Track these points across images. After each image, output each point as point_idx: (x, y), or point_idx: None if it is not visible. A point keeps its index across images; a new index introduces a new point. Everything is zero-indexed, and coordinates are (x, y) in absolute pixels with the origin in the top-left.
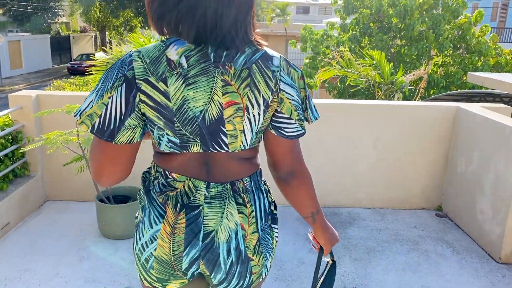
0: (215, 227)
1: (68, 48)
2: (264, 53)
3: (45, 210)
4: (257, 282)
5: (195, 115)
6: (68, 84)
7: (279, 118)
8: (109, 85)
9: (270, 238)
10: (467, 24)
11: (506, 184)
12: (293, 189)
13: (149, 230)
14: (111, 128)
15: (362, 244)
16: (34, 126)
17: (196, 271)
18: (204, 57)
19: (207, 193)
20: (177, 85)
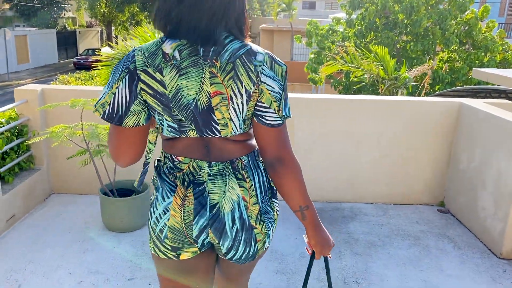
0: (219, 199)
1: (74, 43)
2: (249, 49)
3: (50, 203)
4: (261, 251)
5: (188, 102)
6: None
7: (259, 107)
8: (116, 77)
9: (271, 210)
10: (474, 20)
11: (508, 181)
12: (280, 177)
13: (162, 203)
14: (120, 114)
15: (364, 239)
16: (40, 120)
17: (206, 239)
18: (194, 51)
19: (209, 171)
20: (171, 75)
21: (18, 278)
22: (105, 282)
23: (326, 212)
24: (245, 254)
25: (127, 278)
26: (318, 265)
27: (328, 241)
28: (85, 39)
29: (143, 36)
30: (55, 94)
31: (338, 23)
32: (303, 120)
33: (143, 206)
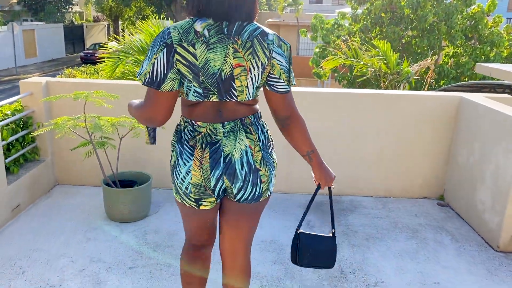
0: (231, 150)
1: (81, 38)
2: (262, 30)
3: (55, 193)
4: (265, 195)
5: (214, 72)
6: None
7: (271, 78)
8: (155, 50)
9: (271, 158)
10: (480, 14)
11: (505, 174)
12: (291, 131)
13: (184, 167)
14: (158, 80)
15: (362, 231)
16: (44, 112)
17: (222, 186)
18: (220, 30)
19: (224, 130)
20: (202, 49)
21: (22, 265)
22: (107, 270)
23: (326, 205)
24: (252, 194)
25: (128, 266)
26: None
27: (330, 175)
28: (92, 34)
29: (148, 30)
30: (59, 87)
31: (343, 17)
32: (304, 113)
33: (145, 197)
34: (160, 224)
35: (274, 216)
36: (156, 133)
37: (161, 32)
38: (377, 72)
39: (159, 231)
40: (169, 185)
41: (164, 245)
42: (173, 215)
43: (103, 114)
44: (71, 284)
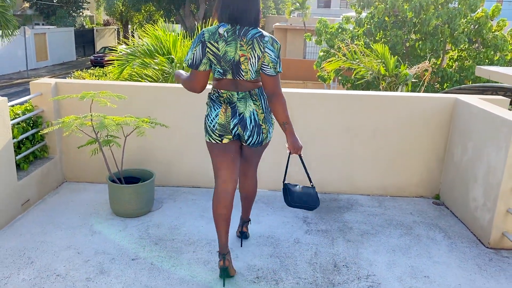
0: (243, 110)
1: (91, 41)
2: (261, 34)
3: (62, 190)
4: (265, 142)
5: (230, 58)
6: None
7: (263, 65)
8: (194, 45)
9: (270, 117)
10: (484, 18)
11: (496, 172)
12: (273, 104)
13: (214, 112)
14: (197, 63)
15: (357, 228)
16: (53, 112)
17: (236, 131)
18: (233, 33)
19: (238, 96)
20: (222, 44)
21: (31, 256)
22: (111, 262)
23: (323, 202)
24: (256, 140)
25: (131, 258)
26: (309, 250)
27: (298, 144)
28: (102, 37)
29: (154, 34)
30: (68, 88)
31: (347, 21)
32: (301, 114)
33: (148, 193)
34: (163, 219)
35: (273, 212)
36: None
37: (200, 34)
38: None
39: (161, 226)
40: (172, 183)
41: (166, 239)
42: (175, 211)
43: (109, 114)
44: (76, 274)
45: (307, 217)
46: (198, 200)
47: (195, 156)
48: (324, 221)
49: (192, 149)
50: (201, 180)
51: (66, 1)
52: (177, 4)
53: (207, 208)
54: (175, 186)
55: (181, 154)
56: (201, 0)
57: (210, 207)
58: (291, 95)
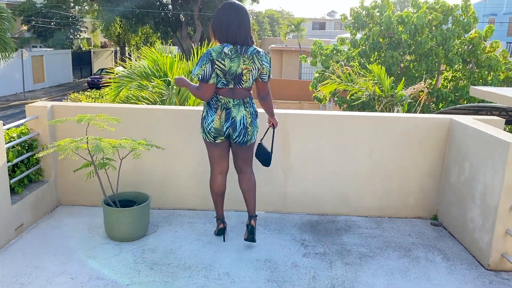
0: (235, 115)
1: (88, 63)
2: (257, 50)
3: (57, 213)
4: (250, 142)
5: (233, 72)
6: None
7: (262, 74)
8: (203, 62)
9: (256, 122)
10: (477, 39)
11: (493, 193)
12: (265, 102)
13: (210, 117)
14: (207, 78)
15: (355, 250)
16: (49, 135)
17: (227, 132)
18: (236, 51)
19: (233, 102)
20: (227, 61)
21: (23, 282)
22: (105, 287)
23: (321, 225)
24: (242, 140)
25: (126, 283)
26: (308, 274)
27: (276, 121)
28: (99, 59)
29: (151, 56)
30: (64, 111)
31: (342, 43)
32: (298, 135)
33: (143, 217)
34: (158, 243)
35: (269, 235)
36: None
37: (206, 52)
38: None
39: (157, 250)
40: (167, 205)
41: (161, 263)
42: (170, 235)
43: (105, 137)
44: None
45: (304, 239)
46: (193, 223)
47: (190, 179)
48: (322, 243)
49: (188, 171)
50: (197, 203)
51: (63, 23)
52: (174, 26)
53: (203, 231)
54: (170, 209)
55: (177, 176)
56: (198, 23)
57: (206, 231)
58: (286, 116)
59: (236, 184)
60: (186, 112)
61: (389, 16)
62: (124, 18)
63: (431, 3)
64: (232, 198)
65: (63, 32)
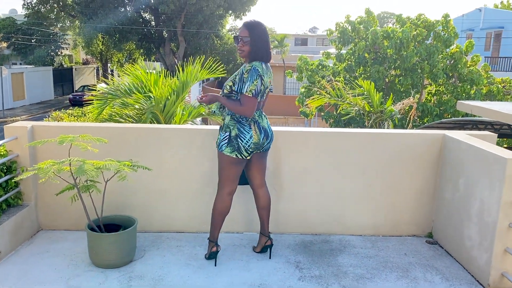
0: (263, 124)
1: (70, 80)
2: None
3: (38, 239)
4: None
5: (267, 86)
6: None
7: (271, 85)
8: (254, 78)
9: None
10: (459, 54)
11: (491, 210)
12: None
13: (248, 133)
14: (258, 93)
15: (352, 272)
16: (29, 156)
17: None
18: (267, 67)
19: (256, 114)
20: (266, 77)
21: None
22: None
23: (315, 245)
24: (270, 144)
25: None
26: None
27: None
28: (81, 76)
29: (135, 73)
30: (45, 131)
31: (328, 57)
32: (290, 153)
33: (130, 241)
34: (145, 270)
35: (263, 257)
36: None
37: (254, 68)
38: (361, 111)
39: (144, 277)
40: (154, 228)
41: None
42: (158, 260)
43: (89, 158)
44: None
45: (299, 261)
46: (183, 247)
47: (178, 200)
48: (318, 265)
49: (176, 192)
50: (185, 225)
51: (44, 40)
52: (157, 42)
53: (193, 255)
54: (157, 232)
55: (164, 198)
56: (181, 39)
57: (196, 254)
58: (278, 133)
59: None
60: (174, 130)
61: (375, 31)
62: (106, 35)
63: (413, 19)
64: None
65: (43, 49)
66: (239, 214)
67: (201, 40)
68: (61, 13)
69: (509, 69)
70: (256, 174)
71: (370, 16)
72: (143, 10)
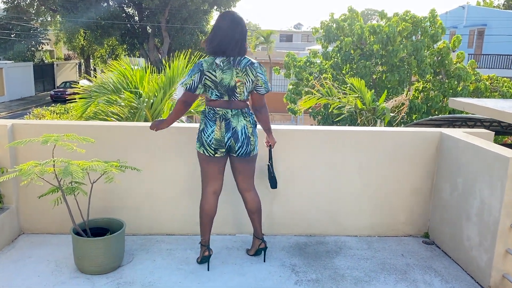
0: (236, 125)
1: (51, 76)
2: (251, 61)
3: (19, 244)
4: (253, 153)
5: (226, 84)
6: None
7: (257, 85)
8: (193, 73)
9: (256, 131)
10: (446, 50)
11: (491, 210)
12: (260, 115)
13: (210, 128)
14: (194, 87)
15: (349, 275)
16: (9, 157)
17: (229, 144)
18: (229, 62)
19: (232, 113)
20: (219, 73)
21: None
22: None
23: (310, 247)
24: (245, 151)
25: None
26: None
27: (274, 140)
28: (63, 72)
29: (120, 69)
30: (26, 130)
31: (315, 56)
32: (284, 151)
33: (118, 246)
34: (135, 275)
35: (257, 261)
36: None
37: (197, 63)
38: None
39: (134, 283)
40: (143, 231)
41: None
42: (148, 265)
43: (74, 157)
44: None
45: (295, 265)
46: (174, 250)
47: (168, 201)
48: (314, 268)
49: (166, 193)
50: (176, 227)
51: (24, 35)
52: (140, 38)
53: (184, 259)
54: (147, 235)
55: (153, 199)
56: (165, 34)
57: (187, 258)
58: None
59: (219, 205)
60: None
61: (360, 25)
62: (88, 30)
63: (401, 15)
64: (214, 220)
65: (24, 44)
66: (231, 216)
67: (186, 36)
68: (41, 7)
69: (491, 66)
70: (240, 178)
71: (353, 13)
72: (126, 5)
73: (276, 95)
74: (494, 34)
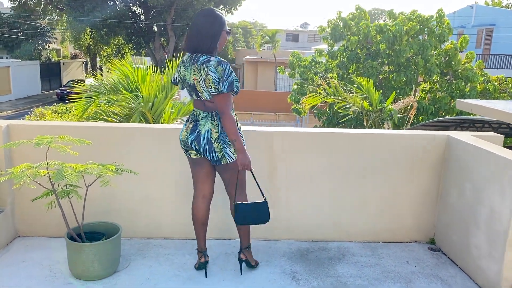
0: (201, 128)
1: (58, 74)
2: (208, 59)
3: (14, 247)
4: (224, 160)
5: (188, 82)
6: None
7: (208, 86)
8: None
9: (226, 138)
10: (453, 50)
11: (502, 218)
12: (222, 123)
13: (182, 128)
14: (173, 80)
15: (352, 283)
16: (4, 158)
17: (194, 146)
18: (189, 60)
19: (202, 115)
20: (183, 70)
21: None
22: None
23: (312, 253)
24: (212, 157)
25: None
26: None
27: (245, 160)
28: (70, 70)
29: (122, 68)
30: (22, 131)
31: (320, 55)
32: (283, 155)
33: (113, 251)
34: (130, 282)
35: (257, 267)
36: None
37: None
38: (359, 109)
39: None
40: (140, 235)
41: None
42: (144, 270)
43: (69, 160)
44: None
45: (296, 272)
46: (171, 255)
47: (167, 204)
48: (315, 275)
49: (164, 196)
50: (174, 231)
51: (31, 34)
52: (147, 37)
53: (181, 264)
54: (143, 238)
55: (151, 202)
56: (171, 33)
57: (185, 264)
58: (272, 134)
59: (217, 209)
60: (161, 130)
61: (367, 24)
62: (94, 29)
63: (407, 14)
64: (213, 224)
65: (30, 42)
66: (230, 220)
67: None
68: (48, 6)
69: (500, 67)
70: (225, 185)
71: (361, 12)
72: (132, 4)
73: (281, 95)
74: (502, 34)
